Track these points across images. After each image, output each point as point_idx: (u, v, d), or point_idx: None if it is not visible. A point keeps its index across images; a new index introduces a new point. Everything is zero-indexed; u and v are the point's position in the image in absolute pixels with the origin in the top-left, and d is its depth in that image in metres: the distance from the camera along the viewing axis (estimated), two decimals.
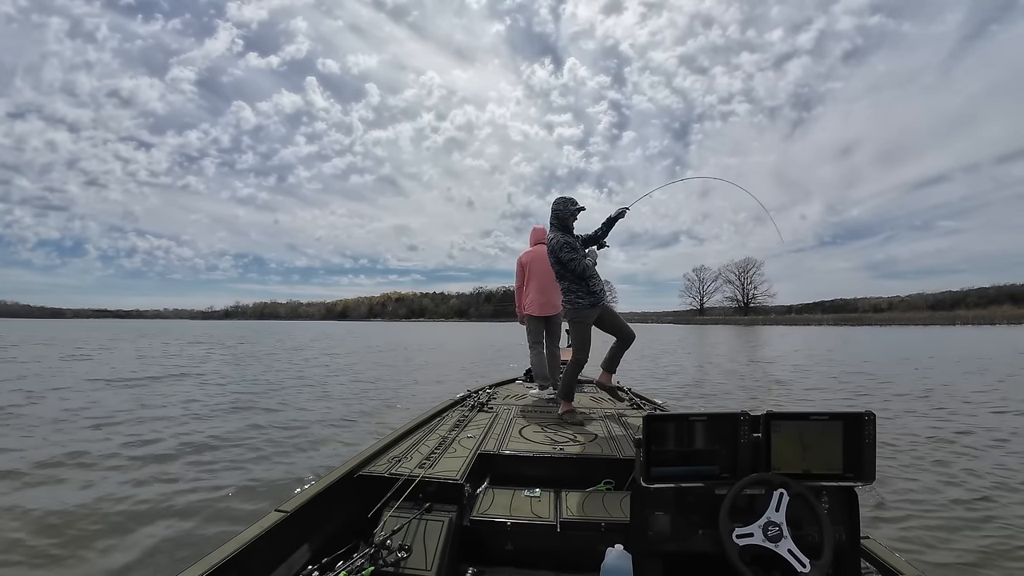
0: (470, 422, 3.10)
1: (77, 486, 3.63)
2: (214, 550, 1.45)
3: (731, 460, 1.50)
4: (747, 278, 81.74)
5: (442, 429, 2.91)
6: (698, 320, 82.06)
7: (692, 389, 8.76)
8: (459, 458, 2.32)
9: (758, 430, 1.50)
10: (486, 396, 3.93)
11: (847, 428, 1.47)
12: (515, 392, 4.31)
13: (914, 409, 6.57)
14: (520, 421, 3.17)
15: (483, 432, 2.84)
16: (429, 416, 3.23)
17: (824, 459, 1.48)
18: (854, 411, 1.45)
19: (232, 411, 6.50)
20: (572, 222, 3.31)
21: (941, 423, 5.72)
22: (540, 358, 4.14)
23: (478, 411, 3.45)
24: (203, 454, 4.44)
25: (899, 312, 72.35)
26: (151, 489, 3.56)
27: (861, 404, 6.82)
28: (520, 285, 4.29)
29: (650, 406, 3.66)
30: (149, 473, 3.91)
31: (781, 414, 1.48)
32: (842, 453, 1.47)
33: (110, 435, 5.09)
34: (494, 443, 2.64)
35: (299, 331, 46.93)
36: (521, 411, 3.43)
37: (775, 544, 1.35)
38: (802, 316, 78.62)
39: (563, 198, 3.32)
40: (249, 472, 3.97)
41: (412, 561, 1.64)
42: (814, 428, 1.48)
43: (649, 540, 1.51)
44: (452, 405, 3.64)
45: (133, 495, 3.44)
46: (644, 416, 1.49)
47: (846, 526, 1.48)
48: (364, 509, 1.96)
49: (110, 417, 5.94)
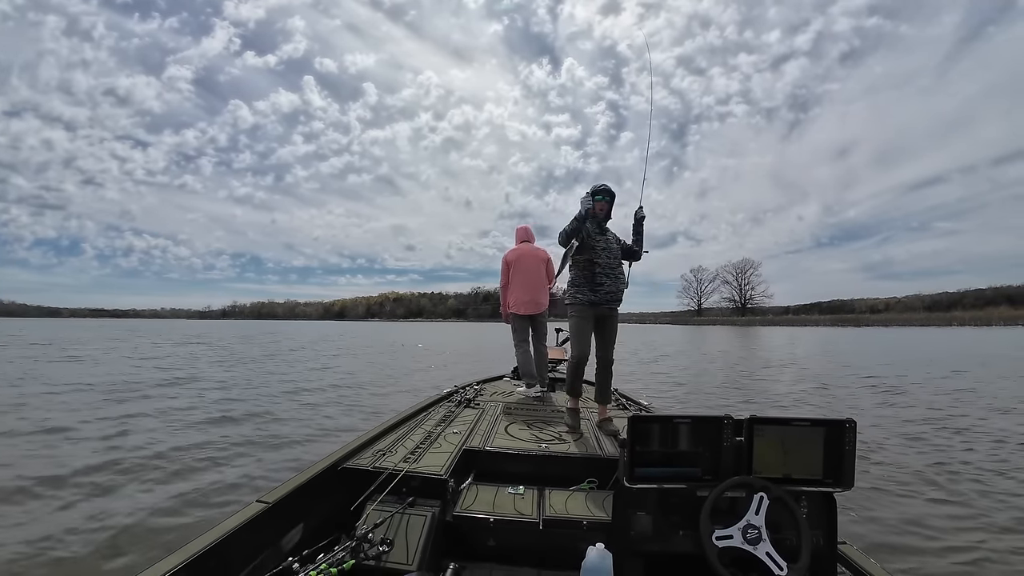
0: (456, 418, 3.10)
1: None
2: (194, 539, 1.43)
3: (714, 463, 1.51)
4: (744, 279, 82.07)
5: (428, 424, 2.90)
6: (696, 321, 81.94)
7: (696, 399, 8.28)
8: (444, 453, 2.32)
9: (741, 434, 1.52)
10: (473, 392, 3.93)
11: (828, 435, 1.49)
12: (502, 389, 4.30)
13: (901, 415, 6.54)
14: (506, 418, 3.17)
15: (469, 428, 2.84)
16: (415, 411, 3.22)
17: (804, 464, 1.50)
18: (836, 418, 1.48)
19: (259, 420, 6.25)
20: (594, 211, 3.01)
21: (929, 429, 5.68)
22: (526, 356, 4.13)
23: (464, 407, 3.44)
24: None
25: (896, 313, 72.69)
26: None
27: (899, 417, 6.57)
28: (505, 283, 4.28)
29: (636, 407, 3.66)
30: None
31: (764, 419, 1.50)
32: (822, 459, 1.49)
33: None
34: (479, 439, 2.64)
35: (304, 330, 46.56)
36: (507, 408, 3.43)
37: (754, 547, 1.36)
38: (799, 317, 78.76)
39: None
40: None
41: (394, 555, 1.63)
42: (796, 434, 1.50)
43: (631, 540, 1.53)
44: (439, 400, 3.63)
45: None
46: (629, 417, 1.52)
47: (824, 531, 1.50)
48: (347, 502, 1.95)
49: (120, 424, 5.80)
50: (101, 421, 5.48)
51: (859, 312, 78.88)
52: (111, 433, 4.96)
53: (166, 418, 5.76)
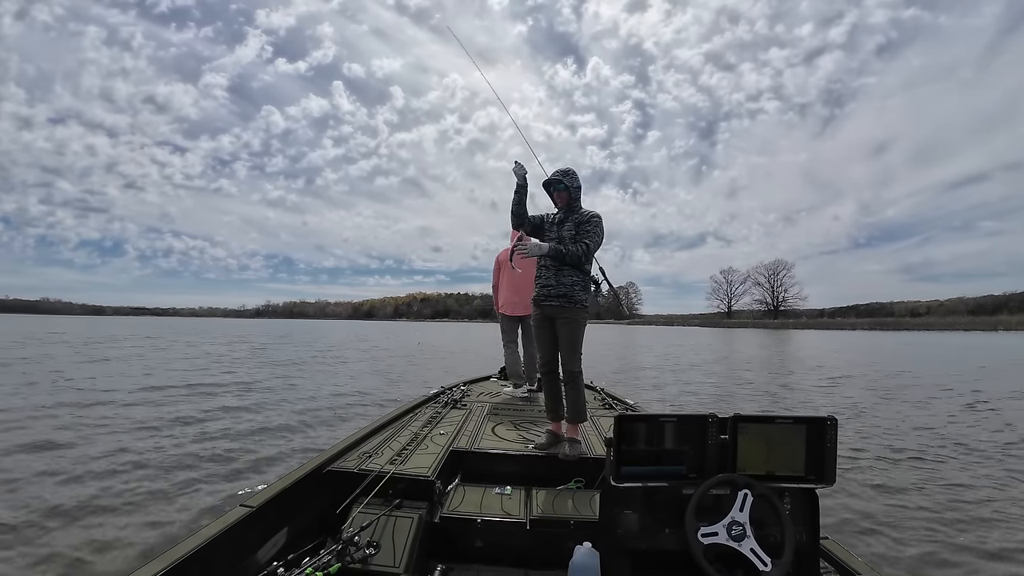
0: (443, 419, 3.10)
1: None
2: (176, 545, 1.42)
3: (699, 461, 1.52)
4: (777, 280, 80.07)
5: (415, 425, 2.91)
6: (725, 323, 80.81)
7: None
8: (431, 455, 2.32)
9: (726, 432, 1.53)
10: (460, 393, 3.91)
11: (810, 432, 1.51)
12: (489, 390, 4.30)
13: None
14: (493, 419, 3.17)
15: (456, 429, 2.85)
16: (402, 412, 3.23)
17: (787, 461, 1.52)
18: (817, 415, 1.51)
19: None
20: (553, 198, 2.77)
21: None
22: (514, 357, 4.17)
23: (451, 408, 3.44)
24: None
25: (937, 317, 70.13)
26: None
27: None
28: (496, 283, 4.31)
29: (622, 406, 3.69)
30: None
31: (748, 416, 1.52)
32: (805, 456, 1.52)
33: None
34: (466, 440, 2.66)
35: (337, 330, 47.59)
36: (494, 409, 3.42)
37: (738, 543, 1.38)
38: (835, 320, 77.00)
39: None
40: None
41: (380, 558, 1.63)
42: (779, 431, 1.52)
43: (618, 538, 1.52)
44: (425, 401, 3.62)
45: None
46: (616, 416, 1.52)
47: (807, 527, 1.52)
48: (332, 505, 1.95)
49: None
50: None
51: (898, 316, 76.60)
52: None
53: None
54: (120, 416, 5.94)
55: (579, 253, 2.54)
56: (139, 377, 9.68)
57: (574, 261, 2.57)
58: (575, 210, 2.70)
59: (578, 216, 2.67)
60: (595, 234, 2.60)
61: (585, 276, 2.67)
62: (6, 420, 5.53)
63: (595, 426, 3.04)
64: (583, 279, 2.65)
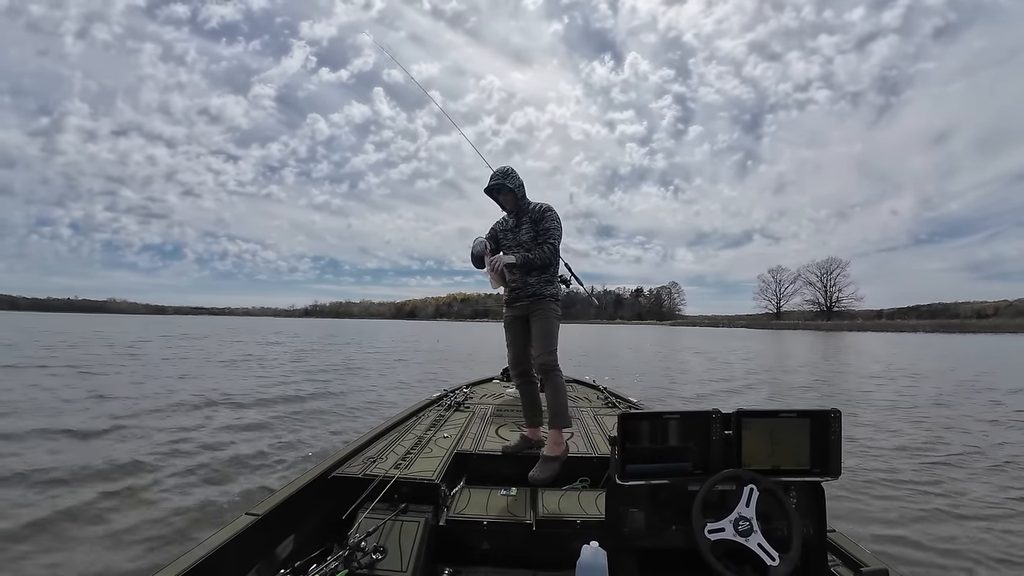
0: (446, 422, 3.12)
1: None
2: (181, 555, 1.41)
3: (703, 457, 1.52)
4: (830, 279, 77.75)
5: (418, 429, 2.92)
6: (774, 324, 78.90)
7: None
8: (435, 458, 2.32)
9: (729, 427, 1.53)
10: (462, 395, 3.93)
11: (814, 425, 1.51)
12: (492, 391, 4.31)
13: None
14: (496, 420, 3.18)
15: (459, 432, 2.85)
16: (405, 416, 3.23)
17: (792, 455, 1.52)
18: (821, 408, 1.51)
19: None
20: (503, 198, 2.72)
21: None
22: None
23: (455, 411, 3.45)
24: None
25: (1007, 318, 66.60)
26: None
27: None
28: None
29: (625, 404, 3.71)
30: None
31: (751, 411, 1.52)
32: (809, 449, 1.52)
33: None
34: (470, 443, 2.67)
35: (387, 330, 48.79)
36: (497, 410, 3.45)
37: (745, 538, 1.38)
38: (894, 322, 73.95)
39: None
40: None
41: (387, 562, 1.63)
42: (783, 425, 1.52)
43: (624, 536, 1.52)
44: (428, 404, 3.63)
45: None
46: (619, 414, 1.53)
47: (813, 520, 1.51)
48: (338, 511, 1.95)
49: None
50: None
51: (964, 317, 72.82)
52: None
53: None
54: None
55: (547, 255, 2.55)
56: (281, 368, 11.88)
57: (544, 264, 2.56)
58: (525, 209, 2.66)
59: (531, 214, 2.64)
60: (555, 229, 2.60)
61: (553, 275, 2.68)
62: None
63: (599, 425, 3.09)
64: (551, 274, 2.66)
